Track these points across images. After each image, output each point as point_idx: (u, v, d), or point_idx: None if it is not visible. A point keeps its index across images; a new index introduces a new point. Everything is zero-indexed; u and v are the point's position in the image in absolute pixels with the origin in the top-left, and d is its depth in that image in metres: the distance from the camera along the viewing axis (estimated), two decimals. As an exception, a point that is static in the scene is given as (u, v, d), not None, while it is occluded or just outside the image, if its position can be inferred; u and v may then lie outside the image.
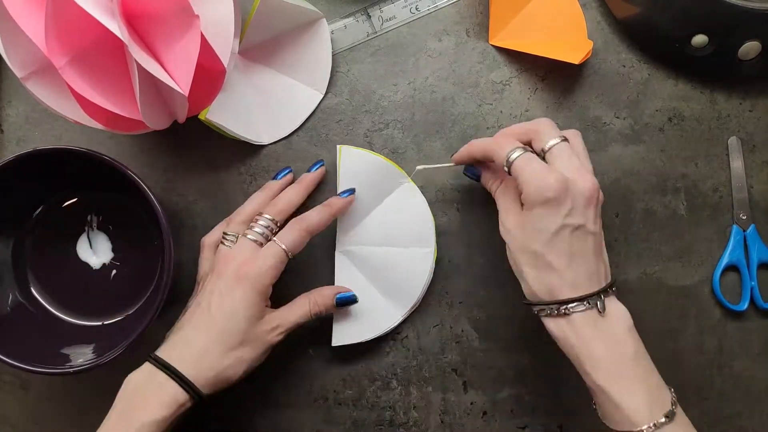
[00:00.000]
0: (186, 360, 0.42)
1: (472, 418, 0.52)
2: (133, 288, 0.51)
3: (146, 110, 0.41)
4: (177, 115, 0.45)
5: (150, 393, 0.41)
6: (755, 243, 0.52)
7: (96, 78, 0.40)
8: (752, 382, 0.52)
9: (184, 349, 0.43)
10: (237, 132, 0.50)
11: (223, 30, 0.42)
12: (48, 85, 0.42)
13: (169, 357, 0.42)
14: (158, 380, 0.41)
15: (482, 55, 0.53)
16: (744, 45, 0.48)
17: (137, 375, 0.42)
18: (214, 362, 0.42)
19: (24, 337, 0.48)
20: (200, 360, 0.42)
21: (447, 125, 0.52)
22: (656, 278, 0.52)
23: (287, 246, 0.45)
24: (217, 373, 0.42)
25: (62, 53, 0.39)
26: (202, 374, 0.42)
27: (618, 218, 0.52)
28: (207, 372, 0.42)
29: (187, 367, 0.42)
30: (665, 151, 0.52)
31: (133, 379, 0.42)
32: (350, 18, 0.53)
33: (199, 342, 0.43)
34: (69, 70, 0.39)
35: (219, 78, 0.44)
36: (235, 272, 0.44)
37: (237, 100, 0.51)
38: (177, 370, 0.41)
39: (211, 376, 0.42)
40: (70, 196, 0.52)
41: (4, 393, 0.53)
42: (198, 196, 0.53)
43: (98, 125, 0.43)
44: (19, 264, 0.51)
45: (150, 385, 0.41)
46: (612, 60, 0.53)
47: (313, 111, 0.53)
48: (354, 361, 0.52)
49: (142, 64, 0.38)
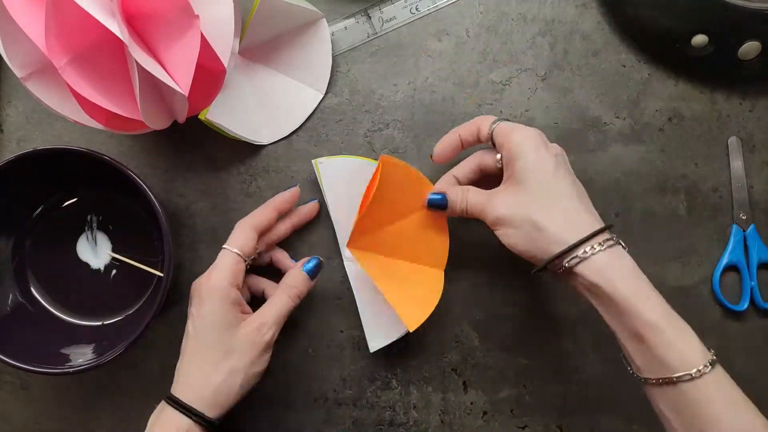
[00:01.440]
0: (185, 387, 0.43)
1: (472, 418, 0.52)
2: (133, 288, 0.51)
3: (146, 110, 0.41)
4: (177, 115, 0.45)
5: (158, 427, 0.42)
6: (755, 243, 0.52)
7: (96, 78, 0.40)
8: (752, 382, 0.52)
9: (183, 379, 0.44)
10: (237, 132, 0.50)
11: (223, 30, 0.42)
12: (48, 85, 0.42)
13: (174, 390, 0.43)
14: (166, 414, 0.42)
15: (482, 55, 0.53)
16: (744, 45, 0.48)
17: (154, 413, 0.44)
18: (207, 381, 0.43)
19: (24, 337, 0.48)
20: (195, 383, 0.43)
21: (447, 125, 0.52)
22: (656, 278, 0.52)
23: (234, 246, 0.45)
24: (214, 390, 0.43)
25: (62, 53, 0.39)
26: (200, 395, 0.42)
27: (618, 218, 0.52)
28: (204, 392, 0.43)
29: (187, 394, 0.42)
30: (665, 151, 0.52)
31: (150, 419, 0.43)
32: (351, 19, 0.53)
33: (191, 367, 0.44)
34: (69, 70, 0.39)
35: (219, 78, 0.44)
36: (198, 291, 0.45)
37: (237, 100, 0.51)
38: (178, 399, 0.42)
39: (208, 395, 0.42)
40: (70, 196, 0.52)
41: (4, 393, 0.53)
42: (198, 196, 0.53)
43: (98, 125, 0.43)
44: (19, 264, 0.51)
45: (158, 420, 0.42)
46: (612, 60, 0.53)
47: (313, 111, 0.53)
48: (354, 361, 0.52)
49: (142, 64, 0.38)
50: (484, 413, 0.52)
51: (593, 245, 0.39)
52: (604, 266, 0.39)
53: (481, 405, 0.52)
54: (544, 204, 0.41)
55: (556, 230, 0.40)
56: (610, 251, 0.39)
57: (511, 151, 0.42)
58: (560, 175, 0.42)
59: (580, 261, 0.39)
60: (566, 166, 0.43)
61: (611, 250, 0.39)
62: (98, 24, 0.36)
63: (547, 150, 0.42)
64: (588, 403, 0.52)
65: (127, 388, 0.52)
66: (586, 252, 0.39)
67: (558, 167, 0.42)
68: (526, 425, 0.52)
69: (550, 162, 0.41)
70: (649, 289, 0.39)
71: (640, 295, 0.38)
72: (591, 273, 0.39)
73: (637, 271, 0.40)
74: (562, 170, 0.42)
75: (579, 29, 0.53)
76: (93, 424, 0.53)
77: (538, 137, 0.43)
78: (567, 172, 0.42)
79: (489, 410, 0.52)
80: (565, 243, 0.40)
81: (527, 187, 0.41)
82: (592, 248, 0.39)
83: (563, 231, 0.40)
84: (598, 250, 0.39)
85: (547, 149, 0.42)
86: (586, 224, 0.40)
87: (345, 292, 0.52)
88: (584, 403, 0.52)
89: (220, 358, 0.43)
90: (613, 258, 0.39)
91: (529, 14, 0.53)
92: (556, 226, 0.40)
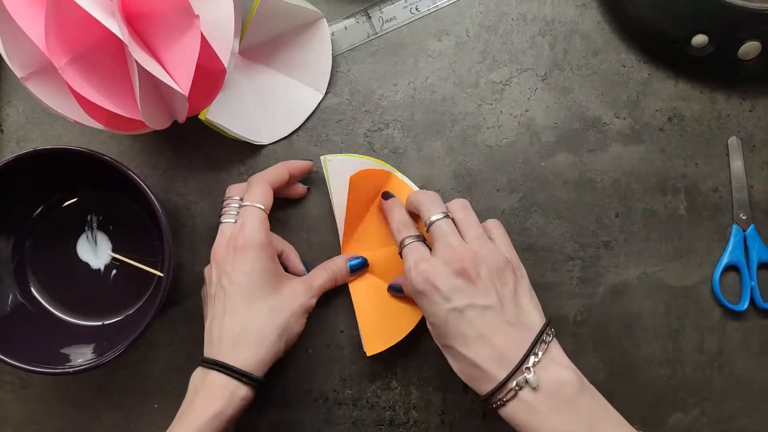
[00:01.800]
0: (227, 347, 0.42)
1: (472, 418, 0.52)
2: (133, 288, 0.51)
3: (146, 110, 0.41)
4: (177, 115, 0.45)
5: (200, 393, 0.41)
6: (755, 243, 0.52)
7: (96, 78, 0.40)
8: (752, 382, 0.52)
9: (225, 337, 0.42)
10: (237, 132, 0.50)
11: (223, 30, 0.42)
12: (48, 85, 0.42)
13: (212, 352, 0.42)
14: (211, 378, 0.41)
15: (482, 55, 0.53)
16: (744, 45, 0.48)
17: (193, 377, 0.43)
18: (251, 337, 0.42)
19: (24, 337, 0.48)
20: (240, 341, 0.42)
21: (447, 125, 0.52)
22: (656, 278, 0.52)
23: (257, 201, 0.45)
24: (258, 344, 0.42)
25: (62, 53, 0.39)
26: (245, 354, 0.41)
27: (618, 218, 0.52)
28: (248, 349, 0.42)
29: (231, 355, 0.41)
30: (665, 151, 0.52)
31: (192, 384, 0.42)
32: (351, 19, 0.53)
33: (233, 324, 0.42)
34: (69, 69, 0.39)
35: (219, 78, 0.44)
36: (231, 248, 0.44)
37: (237, 100, 0.51)
38: (223, 362, 0.41)
39: (252, 352, 0.42)
40: (70, 196, 0.52)
41: (4, 393, 0.53)
42: (198, 196, 0.53)
43: (98, 125, 0.43)
44: (19, 264, 0.51)
45: (204, 385, 0.41)
46: (612, 60, 0.53)
47: (313, 111, 0.53)
48: (354, 361, 0.52)
49: (142, 64, 0.38)
50: (484, 413, 0.52)
51: (500, 397, 0.38)
52: (513, 419, 0.38)
53: (481, 405, 0.52)
54: (447, 354, 0.41)
55: (467, 382, 0.40)
56: (518, 398, 0.37)
57: None
58: (449, 328, 0.39)
59: (499, 406, 0.39)
60: (456, 307, 0.39)
61: (522, 394, 0.37)
62: (98, 24, 0.36)
63: (431, 299, 0.40)
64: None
65: (127, 388, 0.52)
66: (498, 402, 0.38)
67: (447, 318, 0.39)
68: (526, 425, 0.52)
69: (439, 312, 0.40)
70: (561, 430, 0.36)
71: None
72: (507, 420, 0.39)
73: (536, 413, 0.37)
74: (452, 318, 0.39)
75: (579, 29, 0.53)
76: (93, 424, 0.53)
77: (428, 288, 0.40)
78: (467, 313, 0.39)
79: (489, 410, 0.52)
80: (481, 391, 0.39)
81: (437, 340, 0.42)
82: (500, 400, 0.38)
83: (472, 385, 0.40)
84: (507, 399, 0.38)
85: (431, 297, 0.40)
86: (493, 371, 0.38)
87: (345, 292, 0.52)
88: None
89: (270, 316, 0.43)
90: (520, 408, 0.37)
91: (529, 14, 0.53)
92: (463, 376, 0.40)
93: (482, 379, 0.39)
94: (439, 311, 0.39)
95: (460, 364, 0.40)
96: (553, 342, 0.39)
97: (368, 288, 0.50)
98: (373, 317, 0.50)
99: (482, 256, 0.40)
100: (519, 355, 0.38)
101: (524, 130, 0.52)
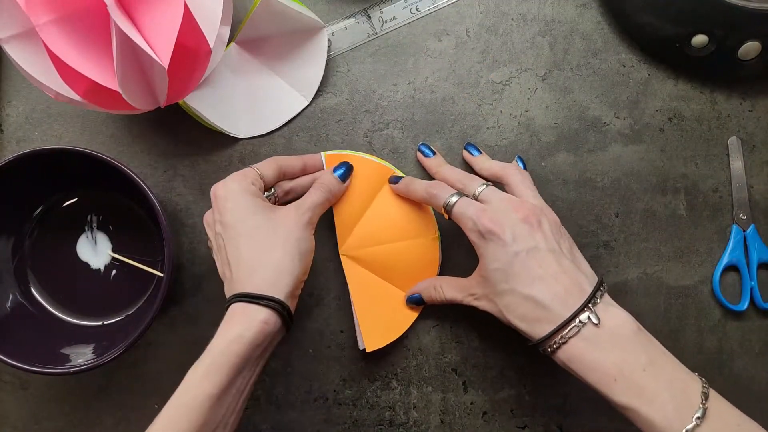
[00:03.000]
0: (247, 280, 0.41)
1: (472, 418, 0.52)
2: (133, 288, 0.51)
3: (125, 82, 0.40)
4: (158, 92, 0.44)
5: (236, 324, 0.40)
6: (755, 243, 0.52)
7: (75, 42, 0.39)
8: (752, 382, 0.52)
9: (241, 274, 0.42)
10: (214, 121, 0.50)
11: (211, 10, 0.41)
12: (28, 50, 0.41)
13: (233, 290, 0.42)
14: (228, 310, 0.41)
15: (482, 55, 0.53)
16: (744, 45, 0.48)
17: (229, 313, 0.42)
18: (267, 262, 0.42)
19: (24, 337, 0.48)
20: (258, 269, 0.42)
21: (447, 125, 0.52)
22: (656, 278, 0.52)
23: (257, 167, 0.46)
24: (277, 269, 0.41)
25: (43, 12, 0.38)
26: (266, 281, 0.41)
27: (618, 218, 0.52)
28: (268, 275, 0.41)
29: (253, 284, 0.41)
30: (665, 151, 0.52)
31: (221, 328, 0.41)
32: (351, 19, 0.53)
33: (243, 257, 0.42)
34: (48, 30, 0.38)
35: (204, 59, 0.43)
36: (213, 198, 0.44)
37: (222, 89, 0.51)
38: (247, 292, 0.41)
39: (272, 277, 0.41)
40: (70, 196, 0.52)
41: (4, 393, 0.53)
42: (198, 196, 0.53)
43: (76, 96, 0.41)
44: (19, 264, 0.51)
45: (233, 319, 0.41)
46: (612, 60, 0.53)
47: (296, 115, 0.52)
48: (354, 361, 0.52)
49: (121, 27, 0.37)
50: (484, 413, 0.52)
51: (563, 334, 0.39)
52: (573, 356, 0.39)
53: (481, 405, 0.52)
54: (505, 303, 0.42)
55: (523, 328, 0.41)
56: (580, 335, 0.39)
57: (473, 243, 0.43)
58: (516, 269, 0.41)
59: (557, 348, 0.40)
60: (521, 249, 0.41)
61: (584, 331, 0.39)
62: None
63: (501, 240, 0.41)
64: (588, 403, 0.52)
65: (127, 388, 0.52)
66: (556, 343, 0.39)
67: (513, 261, 0.41)
68: (526, 425, 0.52)
69: (503, 256, 0.41)
70: (620, 364, 0.38)
71: (608, 380, 0.38)
72: (565, 360, 0.40)
73: (599, 348, 0.39)
74: (518, 260, 0.41)
75: (579, 29, 0.53)
76: (93, 424, 0.53)
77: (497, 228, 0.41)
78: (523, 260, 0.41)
79: (489, 410, 0.52)
80: (535, 337, 0.40)
81: (496, 286, 0.42)
82: (563, 337, 0.39)
83: (529, 329, 0.41)
84: (569, 336, 0.39)
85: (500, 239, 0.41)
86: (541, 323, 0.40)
87: (345, 292, 0.52)
88: (584, 403, 0.52)
89: (269, 237, 0.42)
90: (582, 344, 0.39)
91: (529, 14, 0.53)
92: (519, 323, 0.41)
93: (545, 319, 0.40)
94: (505, 254, 0.41)
95: (520, 308, 0.41)
96: (606, 294, 0.41)
97: (367, 285, 0.50)
98: (371, 313, 0.50)
99: (542, 209, 0.44)
100: (583, 296, 0.40)
101: (524, 130, 0.52)
